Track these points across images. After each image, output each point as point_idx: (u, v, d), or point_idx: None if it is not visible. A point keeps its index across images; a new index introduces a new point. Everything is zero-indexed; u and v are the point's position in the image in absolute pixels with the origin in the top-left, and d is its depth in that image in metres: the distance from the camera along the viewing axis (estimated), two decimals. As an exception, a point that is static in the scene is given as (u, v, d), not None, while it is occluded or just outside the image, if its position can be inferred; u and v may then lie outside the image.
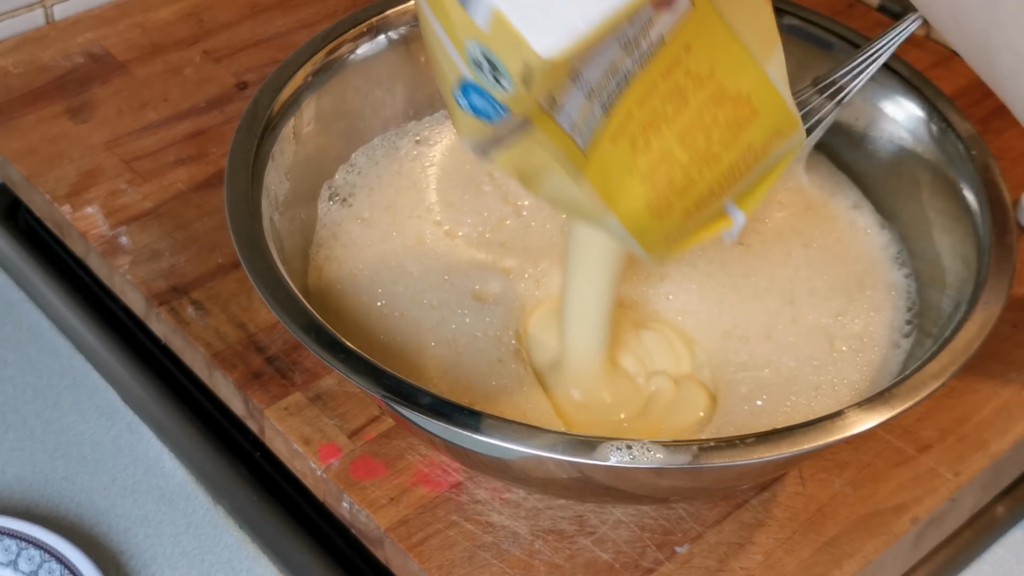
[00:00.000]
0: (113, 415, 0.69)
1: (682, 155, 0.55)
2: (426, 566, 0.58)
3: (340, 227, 0.69)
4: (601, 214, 0.56)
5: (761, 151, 0.56)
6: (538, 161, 0.54)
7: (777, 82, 0.55)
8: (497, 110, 0.49)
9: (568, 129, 0.53)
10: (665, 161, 0.55)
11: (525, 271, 0.68)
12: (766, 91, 0.55)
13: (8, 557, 0.60)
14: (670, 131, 0.54)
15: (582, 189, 0.54)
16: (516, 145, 0.53)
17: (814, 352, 0.64)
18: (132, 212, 0.74)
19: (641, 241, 0.57)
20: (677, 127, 0.54)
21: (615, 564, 0.58)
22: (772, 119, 0.56)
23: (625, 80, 0.53)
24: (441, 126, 0.75)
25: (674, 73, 0.53)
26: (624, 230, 0.56)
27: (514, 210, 0.71)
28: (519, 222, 0.70)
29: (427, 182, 0.72)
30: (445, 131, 0.75)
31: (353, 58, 0.71)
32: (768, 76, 0.54)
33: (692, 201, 0.56)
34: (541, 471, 0.55)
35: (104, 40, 0.87)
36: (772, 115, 0.56)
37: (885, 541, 0.60)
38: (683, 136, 0.54)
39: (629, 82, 0.53)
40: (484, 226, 0.70)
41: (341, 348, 0.55)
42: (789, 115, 0.56)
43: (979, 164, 0.65)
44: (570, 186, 0.54)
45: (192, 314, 0.68)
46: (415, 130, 0.74)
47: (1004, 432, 0.64)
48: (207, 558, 0.63)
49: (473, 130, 0.52)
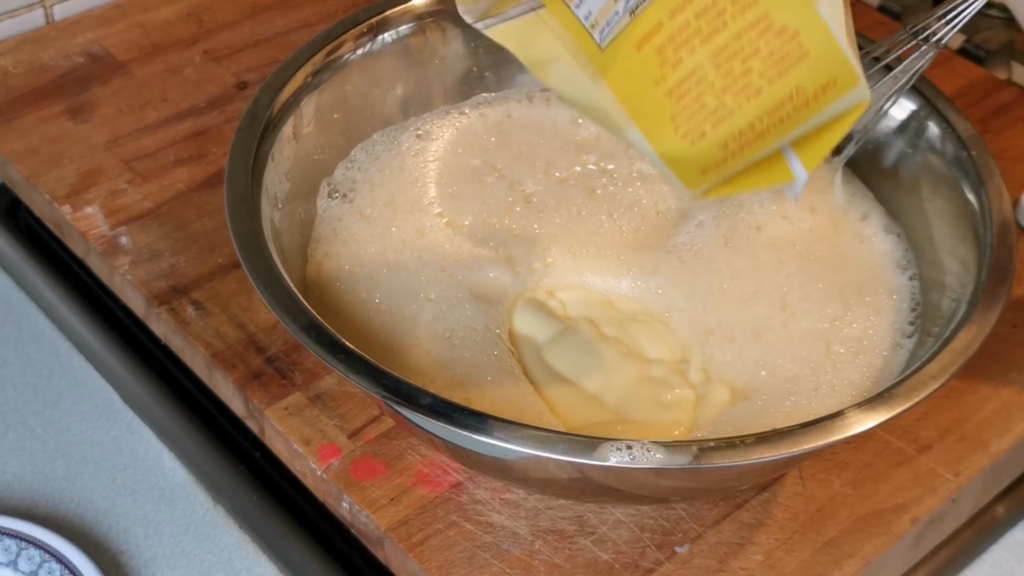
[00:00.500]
0: (113, 415, 0.69)
1: (716, 78, 0.52)
2: (426, 566, 0.58)
3: (340, 223, 0.69)
4: (622, 123, 0.53)
5: (814, 98, 0.53)
6: (548, 47, 0.52)
7: (831, 24, 0.52)
8: None
9: (584, 20, 0.51)
10: (696, 80, 0.52)
11: (532, 262, 0.68)
12: (818, 32, 0.52)
13: (8, 557, 0.60)
14: (704, 50, 0.52)
15: (599, 90, 0.53)
16: (521, 22, 0.51)
17: (810, 354, 0.64)
18: (132, 212, 0.74)
19: (673, 167, 0.54)
20: (712, 47, 0.52)
21: (615, 564, 0.58)
22: (826, 65, 0.52)
23: None
24: (443, 120, 0.75)
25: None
26: (650, 147, 0.54)
27: (523, 198, 0.71)
28: (527, 210, 0.70)
29: (429, 176, 0.72)
30: (447, 125, 0.75)
31: (353, 58, 0.71)
32: (820, 14, 0.51)
33: (729, 132, 0.53)
34: (541, 471, 0.55)
35: (104, 40, 0.87)
36: (826, 60, 0.52)
37: (885, 541, 0.60)
38: (718, 58, 0.52)
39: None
40: (488, 214, 0.70)
41: (341, 348, 0.55)
42: (847, 65, 0.52)
43: (979, 164, 0.65)
44: (585, 84, 0.53)
45: (192, 314, 0.68)
46: (416, 125, 0.74)
47: (1004, 432, 0.64)
48: (207, 558, 0.63)
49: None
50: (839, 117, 0.54)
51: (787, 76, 0.52)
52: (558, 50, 0.52)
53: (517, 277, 0.67)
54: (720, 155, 0.54)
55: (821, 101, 0.53)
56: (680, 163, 0.54)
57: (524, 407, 0.61)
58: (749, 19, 0.52)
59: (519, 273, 0.67)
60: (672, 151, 0.54)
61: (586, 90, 0.53)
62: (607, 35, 0.52)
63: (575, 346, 0.65)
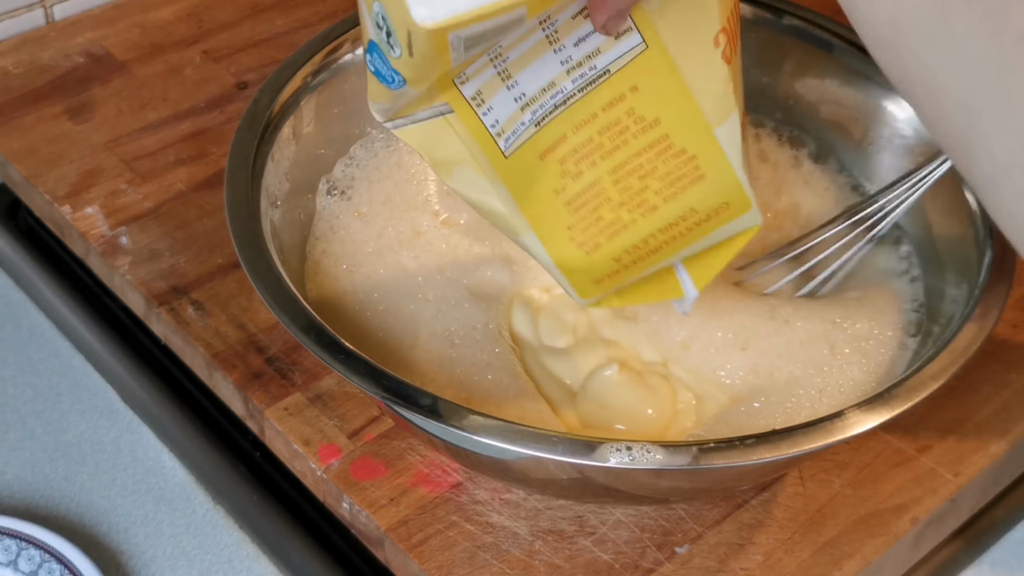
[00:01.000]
0: (113, 415, 0.69)
1: (614, 192, 0.54)
2: (426, 566, 0.58)
3: (338, 220, 0.69)
4: (520, 228, 0.55)
5: (707, 219, 0.55)
6: (453, 150, 0.53)
7: (728, 150, 0.54)
8: (392, 75, 0.50)
9: (490, 128, 0.53)
10: (595, 193, 0.54)
11: (528, 259, 0.68)
12: (715, 156, 0.54)
13: (8, 557, 0.60)
14: (604, 164, 0.54)
15: (500, 195, 0.54)
16: (430, 124, 0.53)
17: (812, 356, 0.63)
18: (132, 212, 0.74)
19: (567, 274, 0.56)
20: (612, 162, 0.54)
21: (615, 564, 0.58)
22: (720, 188, 0.54)
23: (563, 101, 0.53)
24: (441, 118, 0.75)
25: (616, 108, 0.53)
26: (546, 254, 0.56)
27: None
28: None
29: (426, 173, 0.72)
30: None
31: (353, 58, 0.71)
32: (718, 140, 0.53)
33: (623, 246, 0.55)
34: (541, 472, 0.55)
35: (104, 40, 0.87)
36: (720, 184, 0.54)
37: (885, 541, 0.60)
38: (617, 173, 0.54)
39: (568, 104, 0.53)
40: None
41: (341, 349, 0.55)
42: (740, 190, 0.55)
43: (979, 164, 0.65)
44: (487, 187, 0.54)
45: (192, 314, 0.68)
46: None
47: (1004, 432, 0.64)
48: (207, 558, 0.63)
49: (377, 95, 0.52)
50: (731, 239, 0.58)
51: (682, 196, 0.54)
52: (463, 154, 0.54)
53: (515, 275, 0.67)
54: (614, 267, 0.56)
55: (714, 222, 0.56)
56: (574, 272, 0.56)
57: (526, 406, 0.61)
58: (650, 139, 0.54)
59: (516, 271, 0.67)
60: (567, 260, 0.56)
61: (487, 194, 0.55)
62: (512, 143, 0.54)
63: (572, 347, 0.65)
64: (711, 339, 0.64)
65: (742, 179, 0.54)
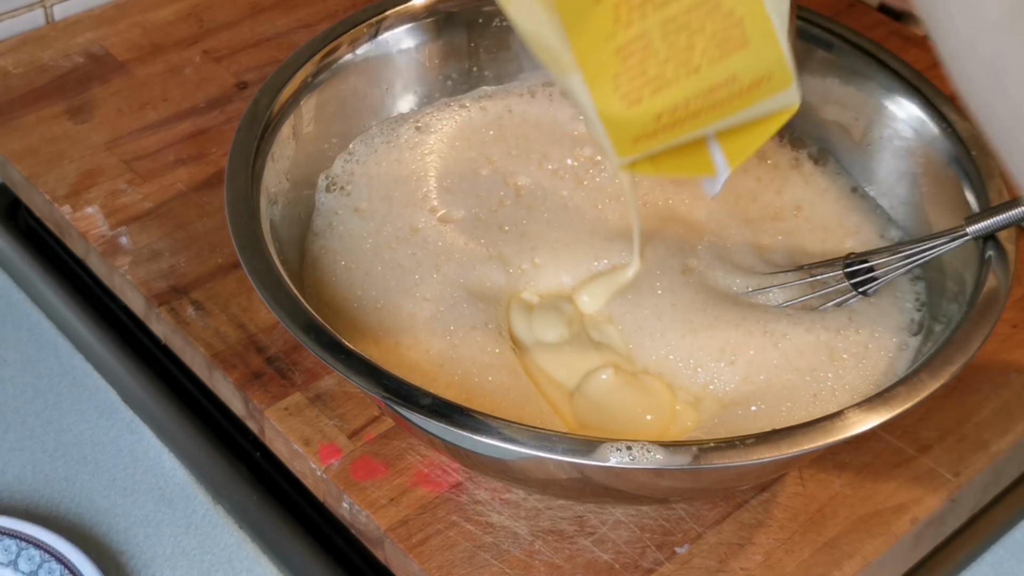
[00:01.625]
0: (113, 415, 0.69)
1: (661, 47, 0.53)
2: (426, 566, 0.58)
3: (336, 216, 0.69)
4: (568, 67, 0.54)
5: (748, 90, 0.54)
6: None
7: (775, 18, 0.53)
8: None
9: None
10: (643, 44, 0.53)
11: (522, 261, 0.68)
12: (761, 23, 0.53)
13: (8, 557, 0.60)
14: (655, 16, 0.53)
15: (554, 28, 0.53)
16: None
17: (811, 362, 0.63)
18: (132, 212, 0.74)
19: (608, 127, 0.55)
20: (662, 15, 0.53)
21: (615, 564, 0.58)
22: (763, 58, 0.54)
23: None
24: (442, 113, 0.75)
25: None
26: (590, 99, 0.55)
27: (513, 191, 0.71)
28: (518, 204, 0.70)
29: (425, 169, 0.72)
30: (446, 118, 0.75)
31: (353, 58, 0.71)
32: (764, 6, 0.53)
33: (664, 104, 0.54)
34: (541, 472, 0.55)
35: (104, 40, 0.87)
36: (764, 53, 0.54)
37: (885, 541, 0.60)
38: (666, 27, 0.53)
39: None
40: (480, 208, 0.70)
41: (341, 349, 0.55)
42: (782, 63, 0.54)
43: (979, 164, 0.65)
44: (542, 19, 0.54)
45: (192, 314, 0.68)
46: (415, 117, 0.74)
47: (1004, 432, 0.64)
48: (207, 558, 0.63)
49: None
50: (768, 117, 0.56)
51: (726, 60, 0.53)
52: None
53: (510, 276, 0.67)
54: (652, 127, 0.55)
55: (754, 94, 0.54)
56: (614, 125, 0.55)
57: (526, 406, 0.61)
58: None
59: (511, 273, 0.67)
60: (610, 109, 0.55)
61: (542, 25, 0.54)
62: None
63: (570, 348, 0.65)
64: (706, 351, 0.64)
65: (785, 52, 0.54)
